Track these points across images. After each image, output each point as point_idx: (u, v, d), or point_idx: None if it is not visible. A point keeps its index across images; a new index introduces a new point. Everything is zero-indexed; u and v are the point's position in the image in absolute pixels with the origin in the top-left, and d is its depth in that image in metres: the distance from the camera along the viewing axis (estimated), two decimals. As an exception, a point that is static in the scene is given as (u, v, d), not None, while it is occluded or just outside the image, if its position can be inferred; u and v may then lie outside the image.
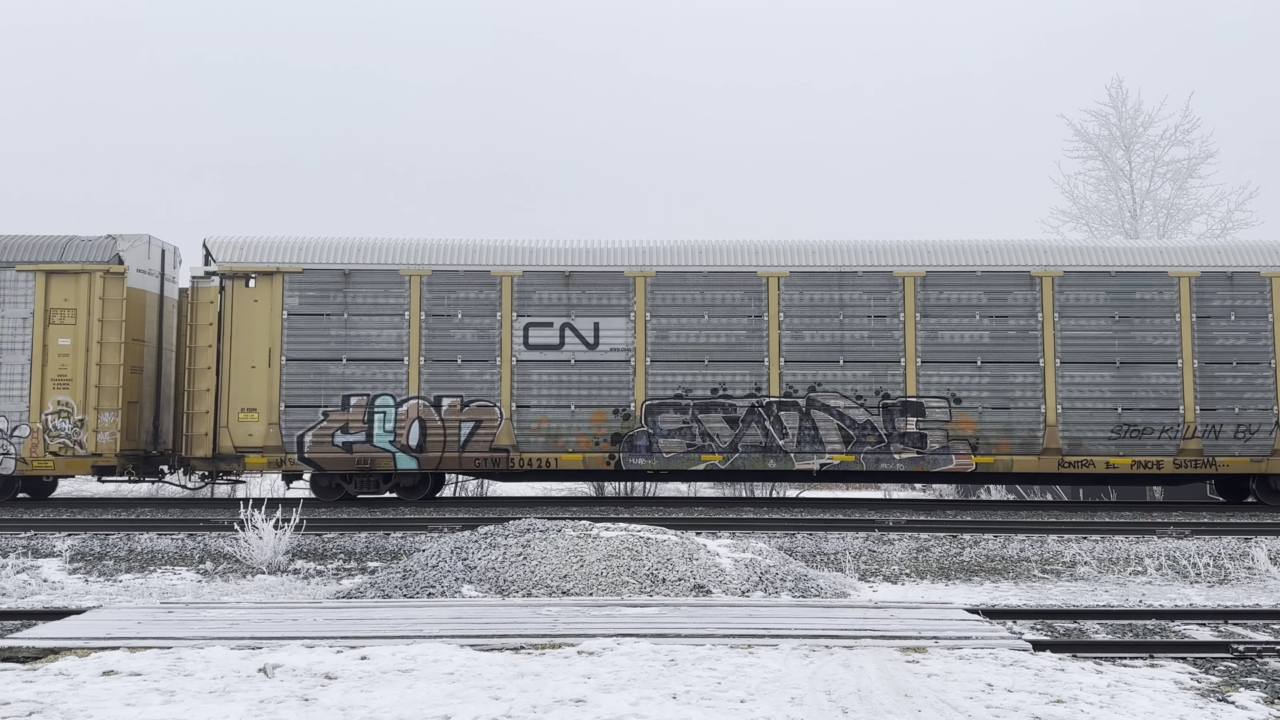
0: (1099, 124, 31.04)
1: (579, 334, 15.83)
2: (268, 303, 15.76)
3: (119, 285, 15.77)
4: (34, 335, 15.60)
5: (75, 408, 15.49)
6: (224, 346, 15.67)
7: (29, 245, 15.91)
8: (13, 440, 15.42)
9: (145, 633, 7.81)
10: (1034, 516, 15.02)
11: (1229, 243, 16.71)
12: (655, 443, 15.66)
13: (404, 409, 15.68)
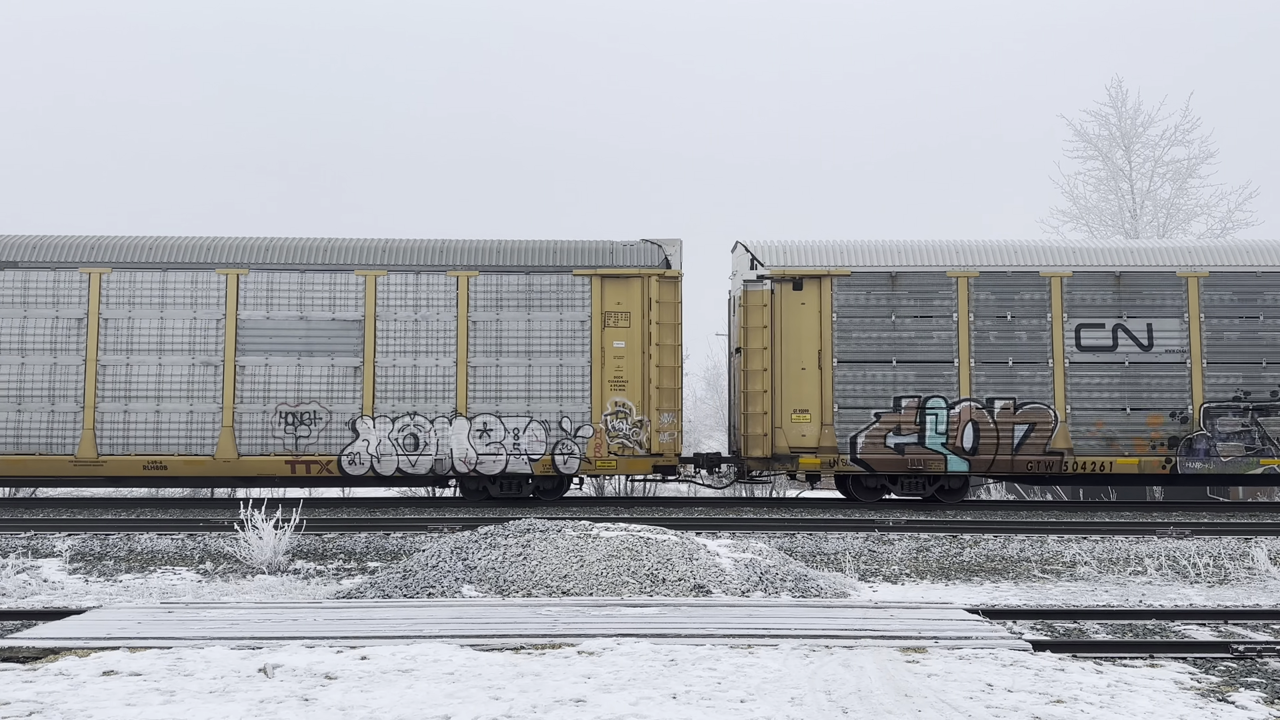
0: (1099, 124, 31.05)
1: (1132, 335, 15.79)
2: (815, 305, 15.85)
3: (672, 288, 16.01)
4: (592, 338, 15.77)
5: (633, 409, 15.64)
6: (775, 349, 15.81)
7: (582, 250, 16.05)
8: (576, 440, 15.57)
9: (145, 633, 7.81)
10: (1034, 516, 15.02)
11: None
12: (1213, 446, 15.62)
13: (956, 411, 15.68)
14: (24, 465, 15.31)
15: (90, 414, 15.41)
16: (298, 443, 15.48)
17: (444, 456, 15.53)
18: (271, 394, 15.55)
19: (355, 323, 15.69)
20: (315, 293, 15.75)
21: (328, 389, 15.60)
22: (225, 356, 15.53)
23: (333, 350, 15.64)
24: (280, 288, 15.74)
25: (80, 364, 15.49)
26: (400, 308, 15.79)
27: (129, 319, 15.60)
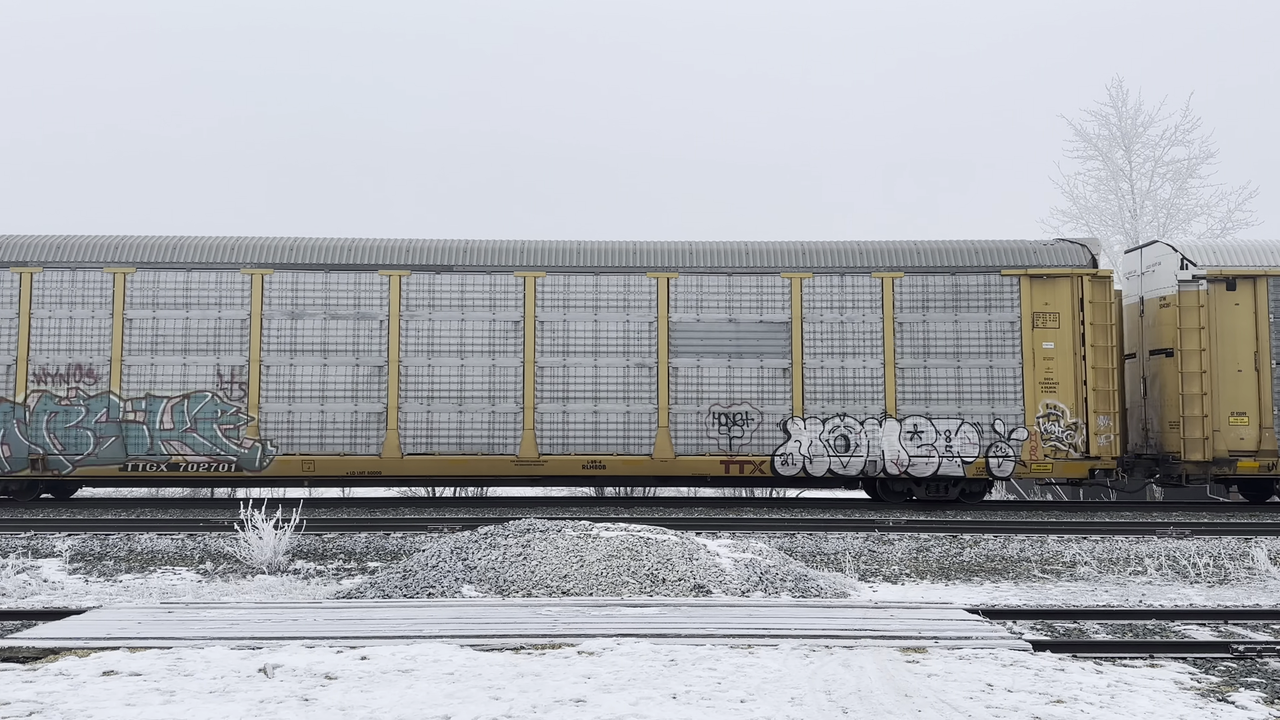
0: (1099, 124, 31.05)
1: None
2: (1249, 306, 15.76)
3: (1104, 288, 15.84)
4: (1022, 339, 15.72)
5: (1065, 411, 15.55)
6: (1210, 350, 15.71)
7: (1008, 250, 16.00)
8: (1010, 443, 15.51)
9: (145, 633, 7.81)
10: (1034, 516, 15.02)
11: None
12: None
13: None
14: (468, 465, 15.50)
15: (530, 415, 15.55)
16: (731, 443, 15.58)
17: (875, 458, 15.57)
18: (704, 395, 15.65)
19: (782, 325, 15.76)
20: (743, 296, 15.83)
21: (758, 390, 15.67)
22: (659, 358, 15.65)
23: (761, 352, 15.72)
24: (709, 291, 15.83)
25: (519, 365, 15.62)
26: (825, 309, 15.83)
27: (564, 321, 15.73)
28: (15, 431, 15.27)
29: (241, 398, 15.44)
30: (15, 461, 15.25)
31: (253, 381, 15.47)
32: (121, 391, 15.39)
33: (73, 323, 15.51)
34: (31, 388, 15.37)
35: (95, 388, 15.39)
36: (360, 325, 15.64)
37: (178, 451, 15.30)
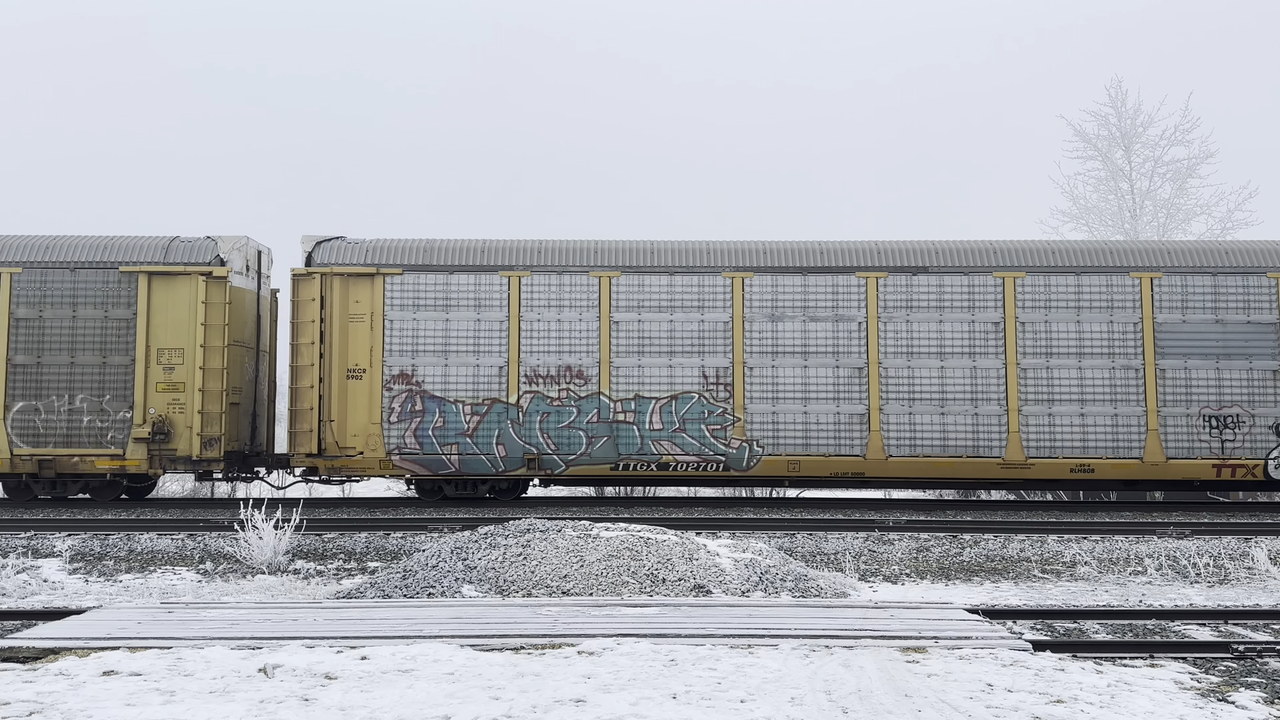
0: (1099, 124, 31.07)
1: None
2: None
3: None
4: None
5: None
6: None
7: None
8: None
9: (145, 633, 7.81)
10: (1034, 516, 15.02)
11: None
12: None
13: None
14: (953, 468, 15.49)
15: (1014, 417, 15.49)
16: (1223, 446, 15.48)
17: None
18: (1193, 397, 15.55)
19: (1270, 325, 15.61)
20: (1228, 296, 15.67)
21: (1247, 393, 15.56)
22: (1145, 360, 15.56)
23: (1250, 353, 15.60)
24: (1194, 292, 15.67)
25: (1000, 367, 15.56)
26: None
27: (1045, 323, 15.65)
28: (510, 431, 15.51)
29: (727, 399, 15.59)
30: (510, 461, 15.51)
31: (737, 382, 15.61)
32: (611, 392, 15.59)
33: (561, 325, 15.73)
34: (524, 389, 15.60)
35: (585, 389, 15.61)
36: (839, 327, 15.69)
37: (667, 451, 15.48)
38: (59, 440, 15.39)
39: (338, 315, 15.67)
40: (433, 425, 15.53)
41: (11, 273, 15.52)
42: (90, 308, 15.53)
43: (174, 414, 15.39)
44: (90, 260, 15.61)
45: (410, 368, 15.63)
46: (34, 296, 15.54)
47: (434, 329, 15.72)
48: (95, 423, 15.39)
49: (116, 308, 15.52)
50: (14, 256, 15.66)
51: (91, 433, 15.38)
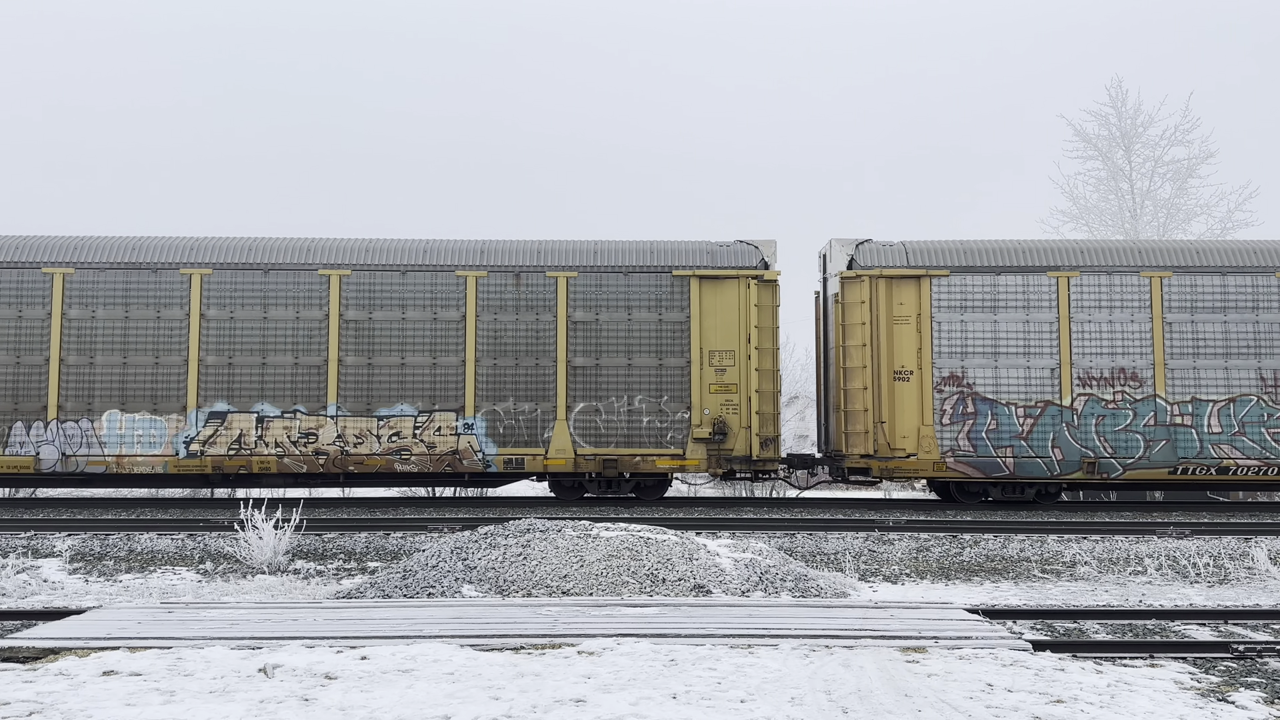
0: (1099, 124, 31.08)
1: None
2: None
3: None
4: None
5: None
6: None
7: None
8: None
9: (145, 633, 7.81)
10: (1034, 516, 15.02)
11: None
12: None
13: None
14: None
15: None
16: None
17: None
18: None
19: None
20: None
21: None
22: None
23: None
24: None
25: None
26: None
27: None
28: (1065, 434, 15.49)
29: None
30: (1067, 465, 15.49)
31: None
32: (1167, 395, 15.54)
33: (1112, 326, 15.68)
34: (1077, 391, 15.57)
35: (1140, 391, 15.56)
36: None
37: (1227, 455, 15.42)
38: (620, 440, 15.60)
39: (883, 317, 15.78)
40: (985, 428, 15.58)
41: (568, 277, 15.77)
42: (644, 310, 15.77)
43: (728, 414, 15.58)
44: (643, 264, 15.85)
45: (960, 369, 15.67)
46: (590, 300, 15.76)
47: (982, 330, 15.76)
48: (654, 423, 15.60)
49: (670, 310, 15.77)
50: (568, 261, 15.90)
51: (651, 433, 15.60)
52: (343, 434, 15.42)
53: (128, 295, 15.56)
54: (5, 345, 15.41)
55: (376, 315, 15.63)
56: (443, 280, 15.71)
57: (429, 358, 15.59)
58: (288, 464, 15.35)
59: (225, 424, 15.39)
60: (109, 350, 15.44)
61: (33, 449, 15.25)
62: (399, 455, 15.42)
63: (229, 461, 15.33)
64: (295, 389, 15.51)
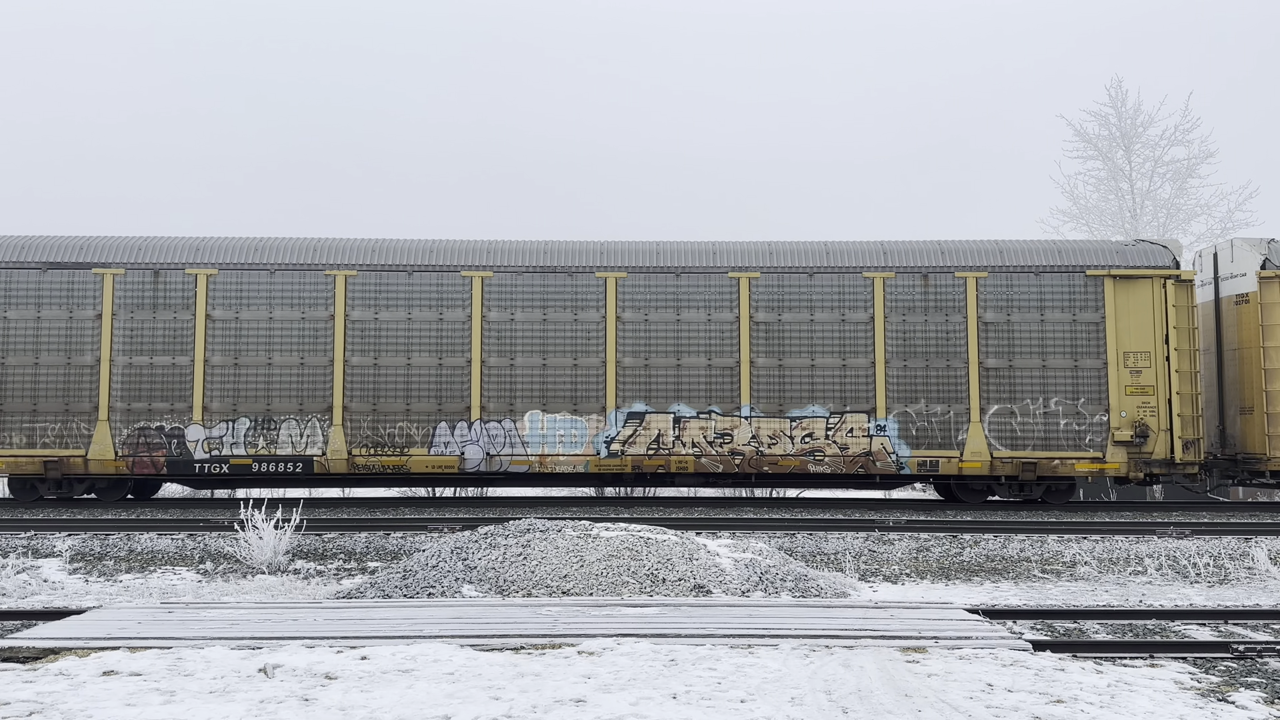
0: (1099, 124, 31.06)
1: None
2: None
3: None
4: None
5: None
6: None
7: None
8: None
9: (145, 633, 7.81)
10: (1034, 516, 15.02)
11: None
12: None
13: None
14: None
15: None
16: None
17: None
18: None
19: None
20: None
21: None
22: None
23: None
24: None
25: None
26: None
27: None
28: None
29: None
30: None
31: None
32: None
33: None
34: None
35: None
36: None
37: None
38: (1037, 443, 15.53)
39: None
40: None
41: (978, 277, 15.74)
42: (1057, 311, 15.71)
43: (1145, 416, 15.48)
44: (1054, 264, 15.80)
45: None
46: (1001, 301, 15.72)
47: None
48: (1071, 426, 15.51)
49: (1084, 311, 15.69)
50: (977, 261, 15.88)
51: (1068, 435, 15.51)
52: (757, 434, 15.52)
53: (545, 298, 15.73)
54: (428, 348, 15.57)
55: (785, 317, 15.71)
56: (850, 282, 15.79)
57: (838, 359, 15.67)
58: (704, 464, 15.47)
59: (643, 424, 15.55)
60: (529, 352, 15.63)
61: (457, 449, 15.40)
62: (812, 456, 15.50)
63: (648, 461, 15.47)
64: (709, 390, 15.65)
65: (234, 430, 15.39)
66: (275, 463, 15.36)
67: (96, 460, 15.26)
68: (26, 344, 15.46)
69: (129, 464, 15.30)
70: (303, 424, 15.43)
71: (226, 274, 15.61)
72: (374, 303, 15.64)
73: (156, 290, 15.58)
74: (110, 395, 15.37)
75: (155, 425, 15.39)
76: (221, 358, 15.47)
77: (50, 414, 15.37)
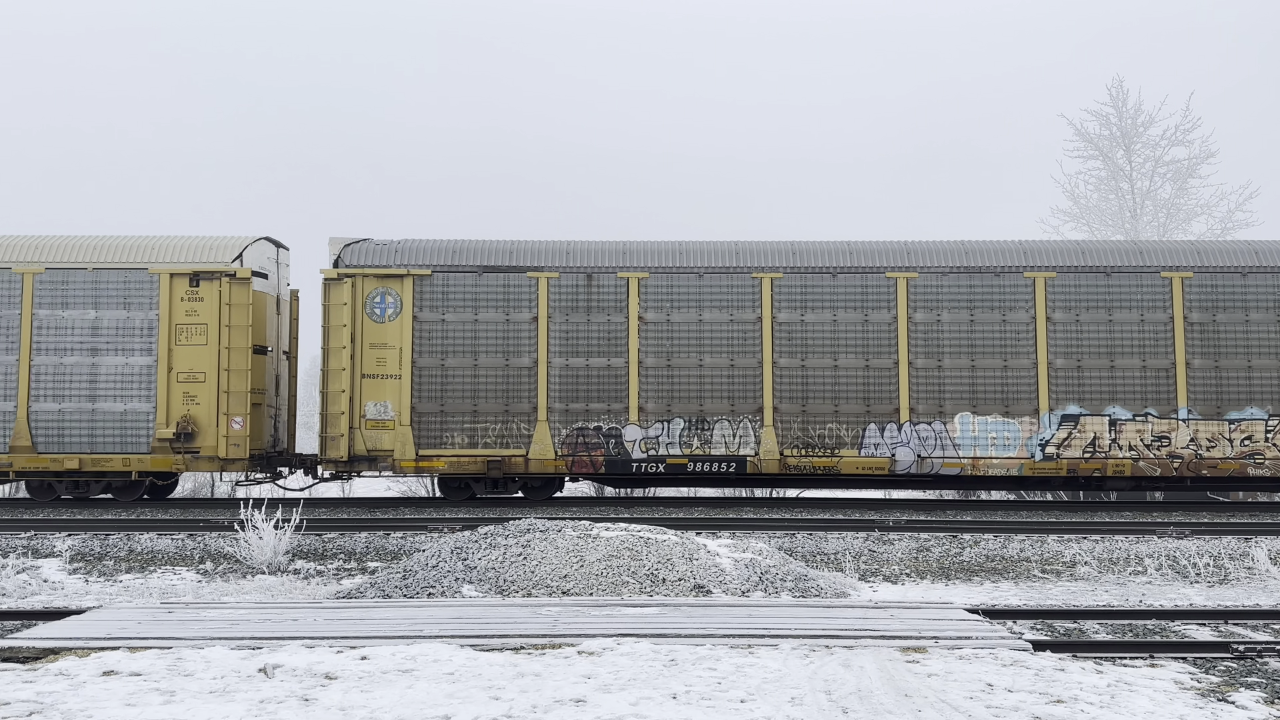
0: (1099, 124, 31.05)
1: None
2: None
3: None
4: None
5: None
6: None
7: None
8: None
9: (145, 633, 7.81)
10: (1034, 516, 15.02)
11: None
12: None
13: None
14: None
15: None
16: None
17: None
18: None
19: None
20: None
21: None
22: None
23: None
24: None
25: None
26: None
27: None
28: None
29: None
30: None
31: None
32: None
33: None
34: None
35: None
36: None
37: None
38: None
39: None
40: None
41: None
42: None
43: None
44: None
45: None
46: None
47: None
48: None
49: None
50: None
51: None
52: (1195, 438, 15.42)
53: (970, 299, 15.74)
54: (854, 349, 15.62)
55: (1220, 318, 15.63)
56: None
57: (1277, 360, 15.55)
58: (1142, 467, 15.38)
59: (1078, 427, 15.48)
60: (955, 353, 15.61)
61: (888, 450, 15.43)
62: (1251, 459, 15.39)
63: (1084, 465, 15.39)
64: (1144, 391, 15.55)
65: (669, 430, 15.56)
66: (710, 462, 15.53)
67: (537, 460, 15.47)
68: (465, 346, 15.64)
69: (568, 463, 15.49)
70: (735, 424, 15.56)
71: (657, 277, 15.76)
72: (799, 304, 15.73)
73: (590, 293, 15.75)
74: (548, 396, 15.55)
75: (593, 426, 15.56)
76: (654, 359, 15.65)
77: (490, 414, 15.54)
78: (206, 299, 15.52)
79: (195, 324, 15.50)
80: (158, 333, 15.44)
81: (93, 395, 15.47)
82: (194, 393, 15.41)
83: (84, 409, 15.43)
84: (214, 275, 15.53)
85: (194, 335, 15.48)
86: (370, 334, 15.62)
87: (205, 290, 15.52)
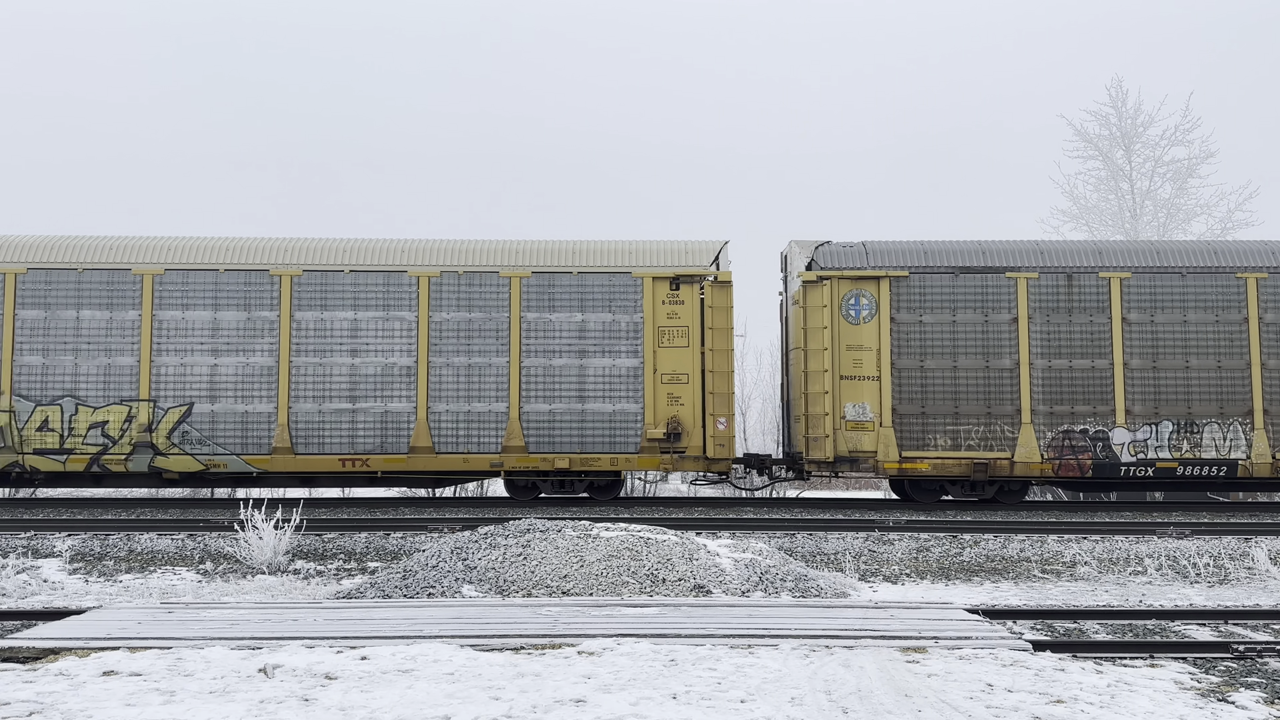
0: (1099, 124, 31.08)
1: None
2: None
3: None
4: None
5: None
6: None
7: None
8: None
9: (145, 633, 7.81)
10: (1034, 517, 15.02)
11: None
12: None
13: None
14: None
15: None
16: None
17: None
18: None
19: None
20: None
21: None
22: None
23: None
24: None
25: None
26: None
27: None
28: None
29: None
30: None
31: None
32: None
33: None
34: None
35: None
36: None
37: None
38: None
39: None
40: None
41: None
42: None
43: None
44: None
45: None
46: None
47: None
48: None
49: None
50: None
51: None
52: None
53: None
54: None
55: None
56: None
57: None
58: None
59: None
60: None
61: None
62: None
63: None
64: None
65: (1157, 433, 15.49)
66: (1199, 466, 15.45)
67: (1022, 463, 15.46)
68: (943, 347, 15.66)
69: (1054, 467, 15.45)
70: (1224, 427, 15.48)
71: (1139, 277, 15.75)
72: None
73: (1070, 294, 15.72)
74: (1031, 398, 15.53)
75: (1079, 429, 15.51)
76: (1139, 360, 15.59)
77: (972, 417, 15.55)
78: (686, 301, 15.77)
79: (676, 326, 15.75)
80: (643, 335, 15.71)
81: (581, 396, 15.69)
82: (677, 394, 15.64)
83: (573, 409, 15.65)
84: (693, 279, 15.80)
85: (675, 337, 15.74)
86: (845, 335, 15.72)
87: (685, 293, 15.78)
